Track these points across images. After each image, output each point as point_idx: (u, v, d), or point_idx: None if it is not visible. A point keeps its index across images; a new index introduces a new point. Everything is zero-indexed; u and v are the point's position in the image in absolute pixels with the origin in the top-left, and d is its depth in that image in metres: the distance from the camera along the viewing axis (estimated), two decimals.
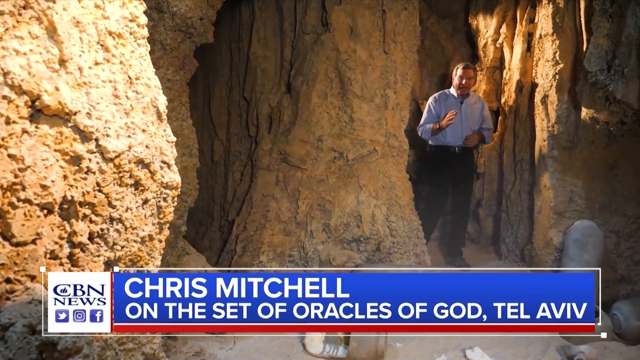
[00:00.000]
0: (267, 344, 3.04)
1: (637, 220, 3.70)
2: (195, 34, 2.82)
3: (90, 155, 1.17)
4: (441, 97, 4.50)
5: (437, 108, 4.46)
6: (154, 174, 1.35)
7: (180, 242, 2.94)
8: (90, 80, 1.16)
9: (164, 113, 1.42)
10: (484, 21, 4.70)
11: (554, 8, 3.66)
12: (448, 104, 4.41)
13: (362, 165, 4.02)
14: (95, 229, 1.20)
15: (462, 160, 4.46)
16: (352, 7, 3.87)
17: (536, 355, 2.87)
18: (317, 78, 3.96)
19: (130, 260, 1.33)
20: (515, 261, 4.30)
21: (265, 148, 4.22)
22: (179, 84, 2.85)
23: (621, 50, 3.19)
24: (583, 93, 3.46)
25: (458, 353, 2.92)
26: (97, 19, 1.19)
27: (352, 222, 3.99)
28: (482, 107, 4.46)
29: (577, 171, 3.71)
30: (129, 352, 1.30)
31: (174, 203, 1.48)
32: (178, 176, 1.50)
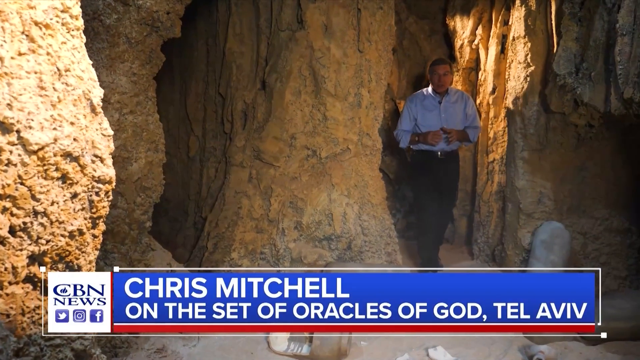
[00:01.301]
0: (232, 341, 3.03)
1: (604, 222, 3.74)
2: (162, 28, 2.79)
3: (11, 147, 1.15)
4: (417, 97, 4.17)
5: (414, 110, 4.12)
6: (84, 168, 1.33)
7: (145, 237, 2.92)
8: (12, 70, 1.14)
9: (99, 106, 1.40)
10: (461, 22, 4.72)
11: (526, 11, 3.69)
12: (426, 105, 4.09)
13: (335, 164, 4.02)
14: (16, 223, 1.17)
15: (446, 165, 4.07)
16: (327, 5, 3.86)
17: (498, 355, 2.89)
18: (290, 75, 3.95)
19: (57, 255, 1.30)
20: (486, 261, 4.33)
21: (238, 145, 4.20)
22: (145, 78, 2.82)
23: (589, 54, 3.22)
24: (552, 96, 3.49)
25: (421, 352, 2.93)
26: (22, 9, 1.16)
27: (324, 220, 3.99)
28: (465, 104, 4.07)
29: (546, 173, 3.75)
30: (56, 348, 1.28)
31: (109, 197, 1.46)
32: (112, 170, 1.48)
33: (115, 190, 2.72)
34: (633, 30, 2.83)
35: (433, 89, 4.08)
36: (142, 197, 2.85)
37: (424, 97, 4.13)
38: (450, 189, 4.21)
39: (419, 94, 4.19)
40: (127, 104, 2.72)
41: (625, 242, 3.75)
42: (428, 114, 4.06)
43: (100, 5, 2.57)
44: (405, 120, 4.16)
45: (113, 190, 2.70)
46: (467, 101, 4.09)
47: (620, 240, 3.74)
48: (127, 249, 2.78)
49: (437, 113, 4.04)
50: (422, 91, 4.20)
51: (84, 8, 2.56)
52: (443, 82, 4.01)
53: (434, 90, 4.07)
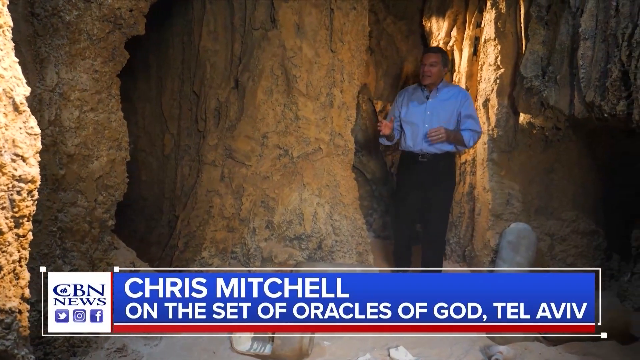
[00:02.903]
0: (194, 340, 3.02)
1: (572, 224, 3.79)
2: (124, 25, 2.77)
3: None
4: (407, 91, 3.83)
5: (399, 104, 3.77)
6: (2, 167, 1.32)
7: (108, 236, 2.90)
8: None
9: (22, 105, 1.39)
10: (437, 24, 4.74)
11: (496, 13, 3.72)
12: (412, 99, 3.71)
13: (307, 163, 4.02)
14: None
15: (431, 169, 3.60)
16: (300, 4, 3.86)
17: (459, 355, 2.91)
18: (262, 74, 3.94)
19: None
20: (457, 261, 4.36)
21: (211, 143, 4.19)
22: (108, 76, 2.80)
23: (555, 57, 3.26)
24: (519, 98, 3.53)
25: (383, 352, 2.94)
26: None
27: (295, 219, 4.00)
28: (460, 103, 3.56)
29: (514, 174, 3.78)
30: None
31: (33, 197, 1.45)
32: (35, 169, 1.46)
33: (75, 188, 2.73)
34: (595, 35, 2.86)
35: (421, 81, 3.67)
36: (104, 196, 2.83)
37: (414, 91, 3.77)
38: (439, 198, 3.68)
39: (410, 88, 3.86)
40: (88, 101, 2.70)
41: (591, 244, 3.80)
42: (412, 108, 3.70)
43: (60, 1, 2.55)
44: (389, 115, 3.90)
45: (73, 189, 2.72)
46: (463, 100, 3.58)
47: (587, 242, 3.79)
48: (87, 247, 2.76)
49: (423, 109, 3.64)
50: (414, 85, 3.86)
51: (43, 4, 2.56)
52: (428, 73, 3.56)
53: (423, 85, 3.68)
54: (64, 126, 2.63)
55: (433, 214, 3.73)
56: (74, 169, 2.68)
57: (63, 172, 2.64)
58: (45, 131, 2.57)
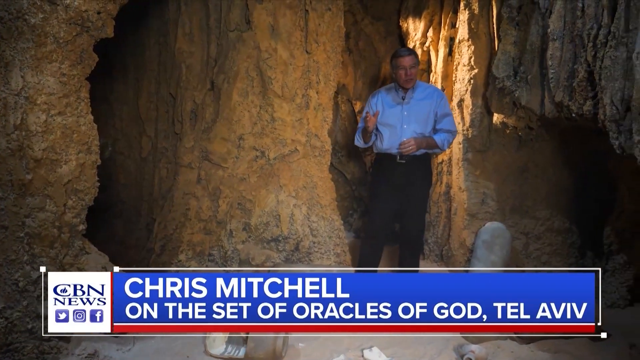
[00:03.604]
0: (168, 344, 3.00)
1: (546, 222, 3.83)
2: (92, 27, 2.74)
3: None
4: (381, 92, 3.72)
5: (374, 106, 3.65)
6: None
7: (78, 241, 2.86)
8: None
9: None
10: (413, 24, 4.77)
11: (469, 14, 3.74)
12: (388, 101, 3.62)
13: (283, 165, 4.01)
14: None
15: (409, 171, 3.54)
16: (274, 5, 3.85)
17: (432, 355, 2.92)
18: (238, 76, 3.93)
19: None
20: (435, 261, 4.39)
21: (187, 145, 4.17)
22: (76, 79, 2.77)
23: (526, 58, 3.29)
24: (492, 98, 3.56)
25: (357, 353, 2.95)
26: None
27: (272, 221, 3.99)
28: (436, 103, 3.52)
29: (489, 174, 3.81)
30: None
31: None
32: None
33: (43, 193, 2.69)
34: (563, 35, 2.90)
35: (400, 84, 3.56)
36: (73, 200, 2.80)
37: (388, 92, 3.67)
38: (416, 199, 3.64)
39: (383, 89, 3.77)
40: (56, 105, 2.66)
41: (566, 242, 3.84)
42: (389, 110, 3.60)
43: (24, 4, 2.51)
44: (363, 119, 3.72)
45: (41, 194, 2.69)
46: (440, 100, 3.55)
47: (562, 240, 3.83)
48: (57, 252, 2.73)
49: (400, 110, 3.56)
50: (388, 86, 3.78)
51: (7, 7, 2.52)
52: (411, 76, 3.47)
53: (399, 85, 3.58)
54: (31, 130, 2.59)
55: (410, 215, 3.69)
56: (42, 173, 2.65)
57: (30, 177, 2.60)
58: (10, 135, 2.55)
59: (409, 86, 3.53)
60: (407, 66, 3.46)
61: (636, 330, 3.16)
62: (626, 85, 2.30)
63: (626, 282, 3.46)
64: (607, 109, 2.44)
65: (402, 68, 3.47)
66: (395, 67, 3.53)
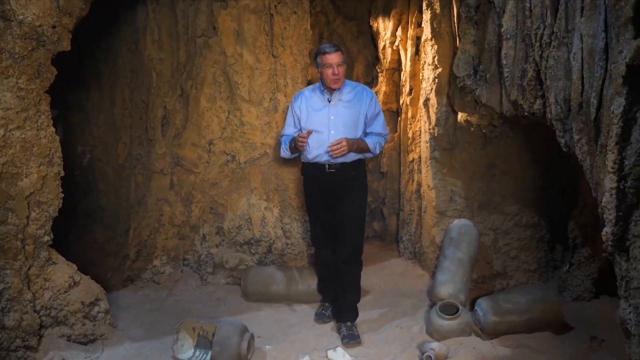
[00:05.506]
0: (137, 350, 3.05)
1: (514, 218, 3.86)
2: (48, 42, 2.77)
3: None
4: (303, 94, 3.26)
5: (297, 111, 3.24)
6: None
7: (44, 252, 2.90)
8: None
9: None
10: (383, 24, 4.79)
11: (432, 14, 3.77)
12: (312, 104, 3.18)
13: (254, 169, 4.06)
14: None
15: (340, 180, 3.15)
16: (239, 11, 3.89)
17: (395, 354, 2.97)
18: (205, 82, 3.97)
19: None
20: (409, 258, 4.43)
21: (159, 152, 4.20)
22: (35, 93, 2.80)
23: (484, 57, 3.32)
24: (455, 97, 3.59)
25: (322, 353, 2.99)
26: None
27: (244, 224, 4.04)
28: (366, 104, 3.14)
29: (456, 172, 3.85)
30: None
31: None
32: None
33: (4, 206, 2.73)
34: (516, 35, 2.92)
35: (326, 84, 3.12)
36: (37, 212, 2.84)
37: (311, 94, 3.23)
38: (350, 211, 3.18)
39: (305, 91, 3.29)
40: (14, 119, 2.70)
41: (535, 236, 3.87)
42: (313, 114, 3.17)
43: None
44: (287, 124, 3.34)
45: (2, 207, 2.73)
46: (370, 100, 3.17)
47: (530, 235, 3.86)
48: (21, 264, 2.77)
49: (326, 114, 3.13)
50: (310, 87, 3.30)
51: None
52: (339, 75, 3.04)
53: (325, 86, 3.14)
54: None
55: (347, 227, 3.19)
56: (2, 187, 2.69)
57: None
58: None
59: (337, 86, 3.09)
60: (334, 64, 3.01)
61: (600, 323, 3.20)
62: (567, 85, 2.33)
63: (591, 275, 3.50)
64: (553, 108, 2.48)
65: (328, 66, 3.02)
66: (320, 66, 3.07)
